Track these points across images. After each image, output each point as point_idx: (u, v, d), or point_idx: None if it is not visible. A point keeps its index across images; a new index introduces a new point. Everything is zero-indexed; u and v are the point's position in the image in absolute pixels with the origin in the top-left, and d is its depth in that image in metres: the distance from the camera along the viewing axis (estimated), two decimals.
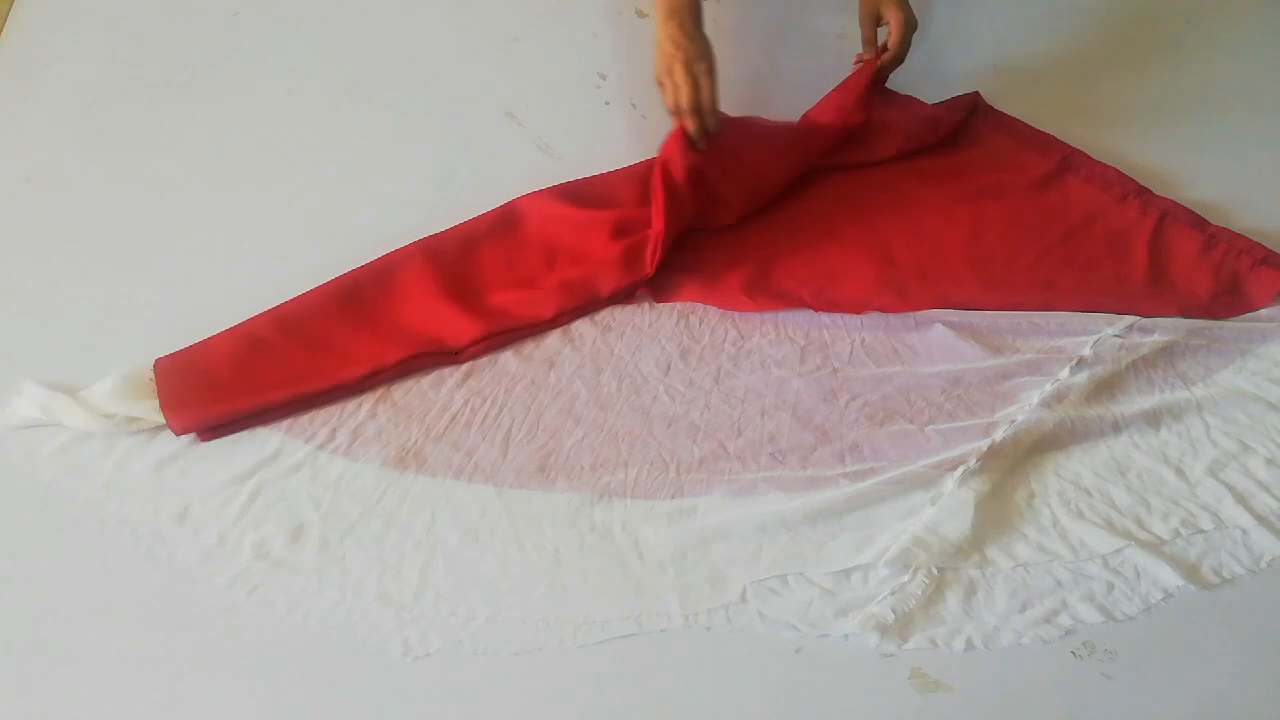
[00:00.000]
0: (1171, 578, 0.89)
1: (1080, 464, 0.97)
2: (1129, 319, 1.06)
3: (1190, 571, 0.90)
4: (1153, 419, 1.00)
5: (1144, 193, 1.18)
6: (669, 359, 1.04)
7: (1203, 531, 0.93)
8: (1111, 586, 0.89)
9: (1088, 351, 1.03)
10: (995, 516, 0.93)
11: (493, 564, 0.90)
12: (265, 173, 1.19)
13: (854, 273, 1.10)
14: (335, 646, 0.86)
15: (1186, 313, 1.07)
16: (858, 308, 1.07)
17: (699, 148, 1.08)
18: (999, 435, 0.97)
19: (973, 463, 0.95)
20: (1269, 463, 0.97)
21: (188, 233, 1.13)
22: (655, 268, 1.07)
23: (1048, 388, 1.01)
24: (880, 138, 1.22)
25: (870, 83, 1.22)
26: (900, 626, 0.86)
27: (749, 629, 0.87)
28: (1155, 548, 0.91)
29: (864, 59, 1.26)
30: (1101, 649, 0.86)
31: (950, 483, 0.94)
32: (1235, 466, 0.97)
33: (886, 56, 1.23)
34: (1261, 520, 0.93)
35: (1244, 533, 0.93)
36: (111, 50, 1.37)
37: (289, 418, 0.99)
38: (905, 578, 0.88)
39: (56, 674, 0.84)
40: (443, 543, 0.91)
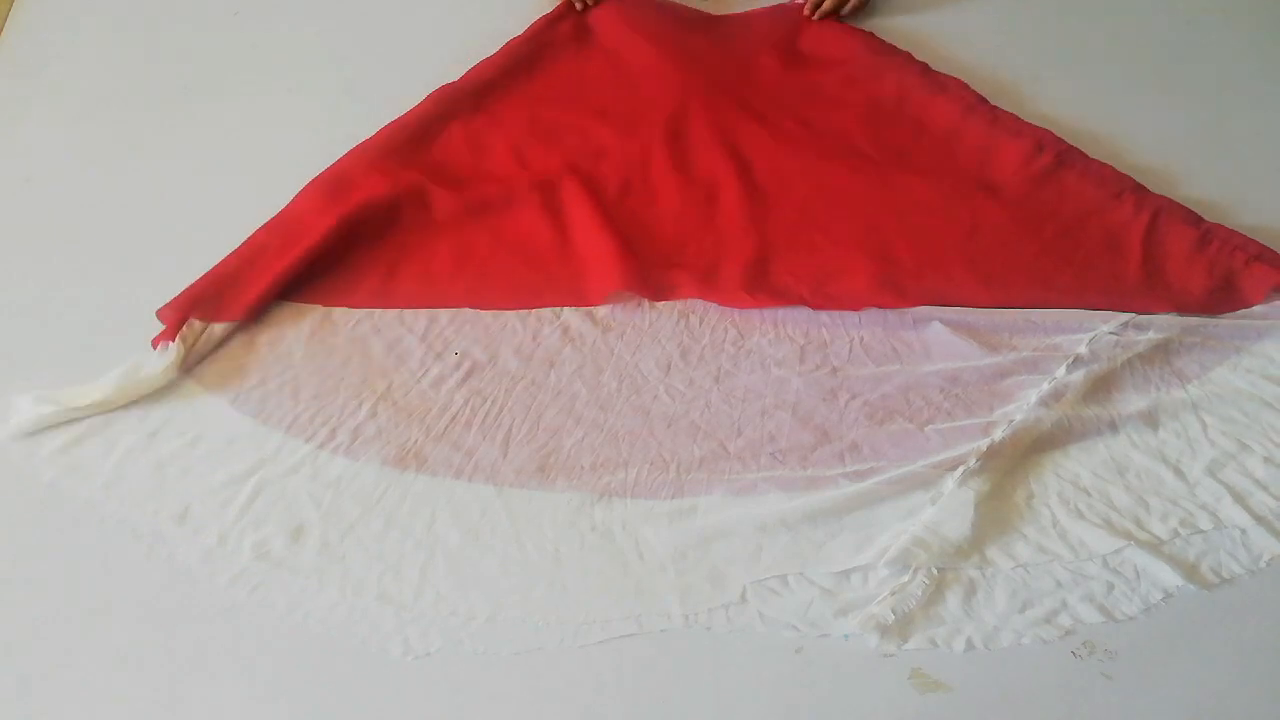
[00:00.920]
0: (1171, 578, 0.89)
1: (1079, 464, 0.97)
2: (1124, 316, 1.06)
3: (1190, 571, 0.89)
4: (1150, 418, 1.00)
5: (1139, 189, 1.18)
6: (669, 359, 1.05)
7: (1202, 531, 0.92)
8: (1111, 586, 0.89)
9: (1084, 349, 1.03)
10: (995, 517, 0.93)
11: (493, 564, 0.90)
12: (265, 173, 1.19)
13: (852, 270, 1.11)
14: (335, 646, 0.86)
15: (1181, 309, 1.07)
16: (855, 304, 1.08)
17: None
18: (998, 435, 0.97)
19: (972, 463, 0.95)
20: (1267, 461, 0.97)
21: (188, 233, 1.13)
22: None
23: (1045, 386, 1.01)
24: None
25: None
26: (900, 627, 0.86)
27: (749, 629, 0.87)
28: (1154, 548, 0.91)
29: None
30: (1101, 649, 0.86)
31: (950, 483, 0.94)
32: (1233, 466, 0.97)
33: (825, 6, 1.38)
34: (1260, 520, 0.93)
35: (1243, 532, 0.92)
36: (111, 50, 1.37)
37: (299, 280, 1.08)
38: (905, 578, 0.88)
39: (56, 674, 0.84)
40: (443, 542, 0.91)
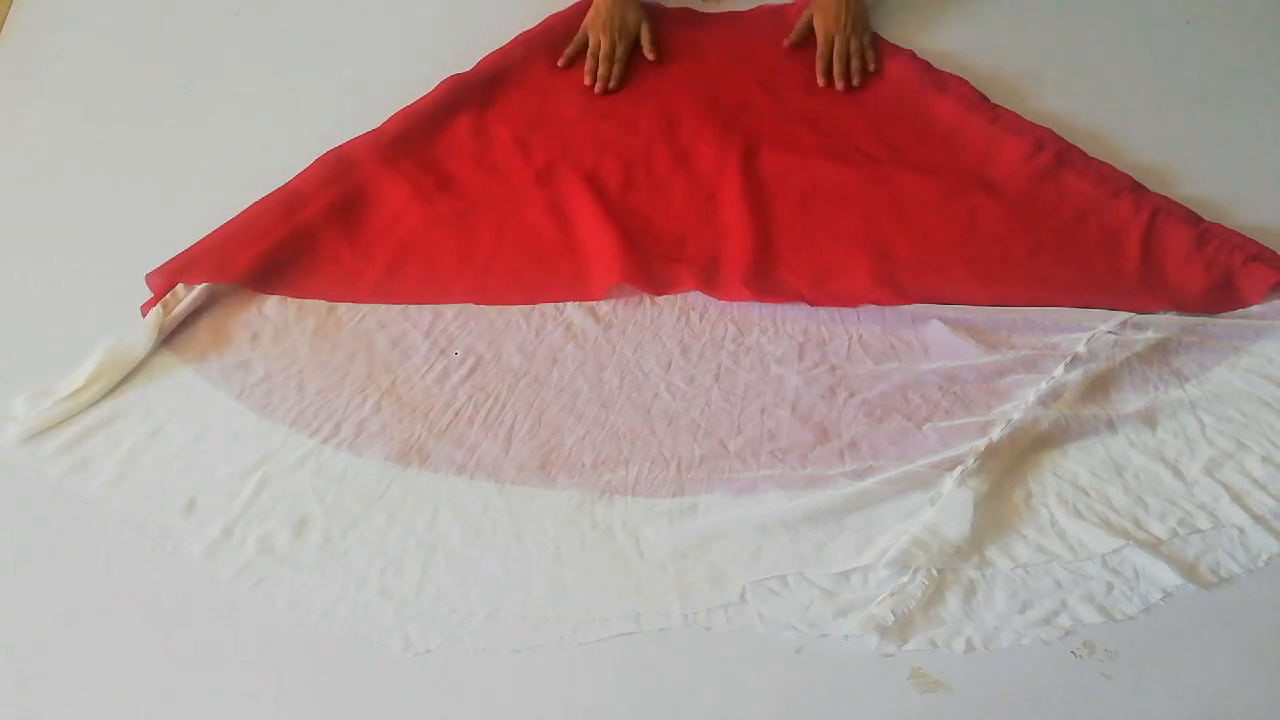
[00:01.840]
0: (1170, 577, 0.89)
1: (1077, 464, 0.97)
2: (1123, 315, 1.06)
3: (1189, 571, 0.90)
4: (1148, 417, 1.00)
5: (1137, 188, 1.18)
6: (670, 356, 1.05)
7: (1200, 531, 0.92)
8: (1111, 586, 0.89)
9: (1082, 348, 1.03)
10: (994, 517, 0.93)
11: (494, 561, 0.90)
12: (265, 173, 1.19)
13: (851, 267, 1.11)
14: (336, 642, 0.86)
15: (1179, 308, 1.07)
16: (854, 301, 1.08)
17: (599, 90, 1.30)
18: (996, 434, 0.97)
19: (971, 462, 0.95)
20: (1265, 461, 0.97)
21: (188, 233, 1.12)
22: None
23: (1043, 385, 1.01)
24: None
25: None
26: (900, 628, 0.86)
27: (749, 629, 0.87)
28: (1153, 547, 0.91)
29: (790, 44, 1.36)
30: (1101, 649, 0.86)
31: (949, 483, 0.94)
32: (1231, 465, 0.97)
33: (820, 55, 1.33)
34: (1258, 519, 0.93)
35: (1241, 532, 0.92)
36: (111, 50, 1.37)
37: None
38: (905, 578, 0.88)
39: (58, 672, 0.84)
40: (444, 539, 0.92)
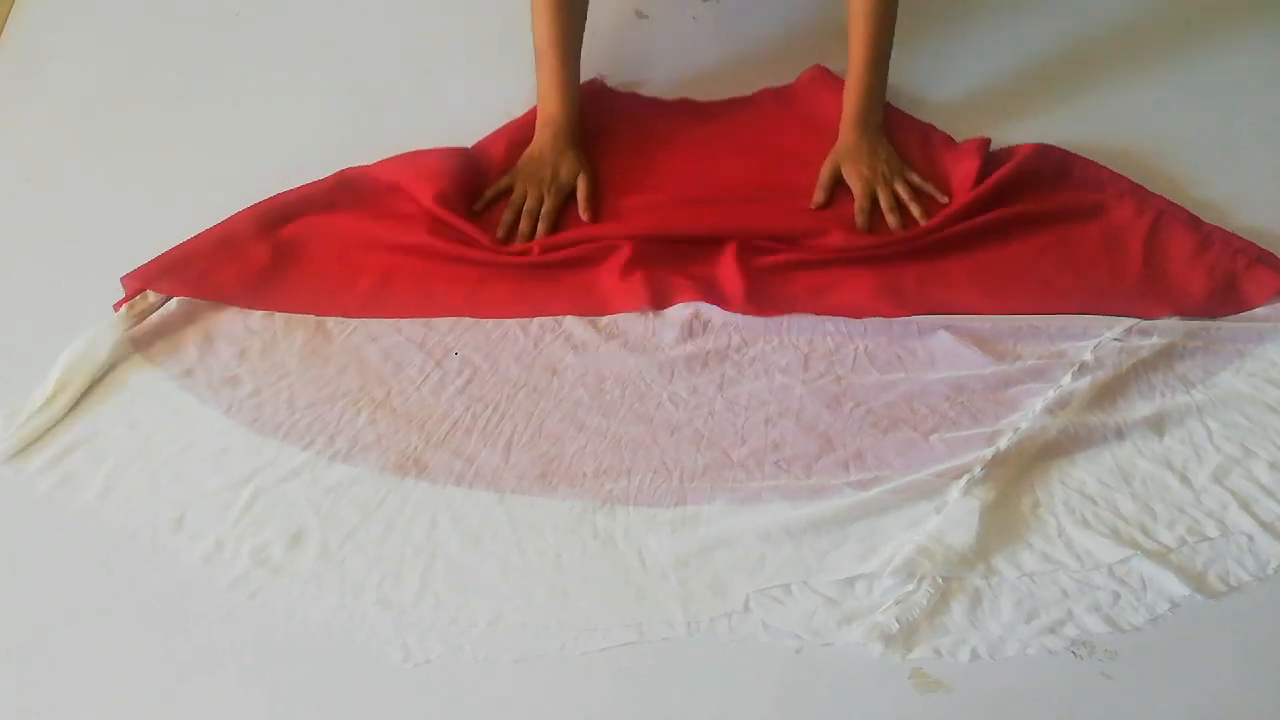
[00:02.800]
0: (1178, 588, 0.88)
1: (1085, 472, 0.96)
2: (1128, 321, 1.06)
3: (1197, 581, 0.89)
4: (1155, 424, 0.99)
5: (1139, 191, 1.17)
6: (672, 365, 1.04)
7: (1209, 539, 0.92)
8: (1118, 596, 0.88)
9: (1089, 356, 1.03)
10: (1000, 526, 0.92)
11: (493, 570, 0.90)
12: (265, 173, 1.19)
13: (853, 278, 1.10)
14: (334, 653, 0.85)
15: (1182, 313, 1.07)
16: (857, 312, 1.07)
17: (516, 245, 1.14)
18: (1003, 443, 0.97)
19: (977, 471, 0.94)
20: (1272, 467, 0.96)
21: (188, 233, 1.12)
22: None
23: (1050, 394, 1.00)
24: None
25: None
26: (905, 636, 0.85)
27: (752, 638, 0.86)
28: (1162, 557, 0.90)
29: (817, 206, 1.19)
30: (1101, 649, 0.85)
31: (955, 492, 0.93)
32: (1239, 472, 0.96)
33: (860, 209, 1.16)
34: (1266, 526, 0.92)
35: (1250, 539, 0.92)
36: (111, 50, 1.37)
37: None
38: (910, 587, 0.88)
39: (53, 687, 0.84)
40: (443, 548, 0.91)
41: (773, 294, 1.08)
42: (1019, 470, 0.96)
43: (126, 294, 1.07)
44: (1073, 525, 0.92)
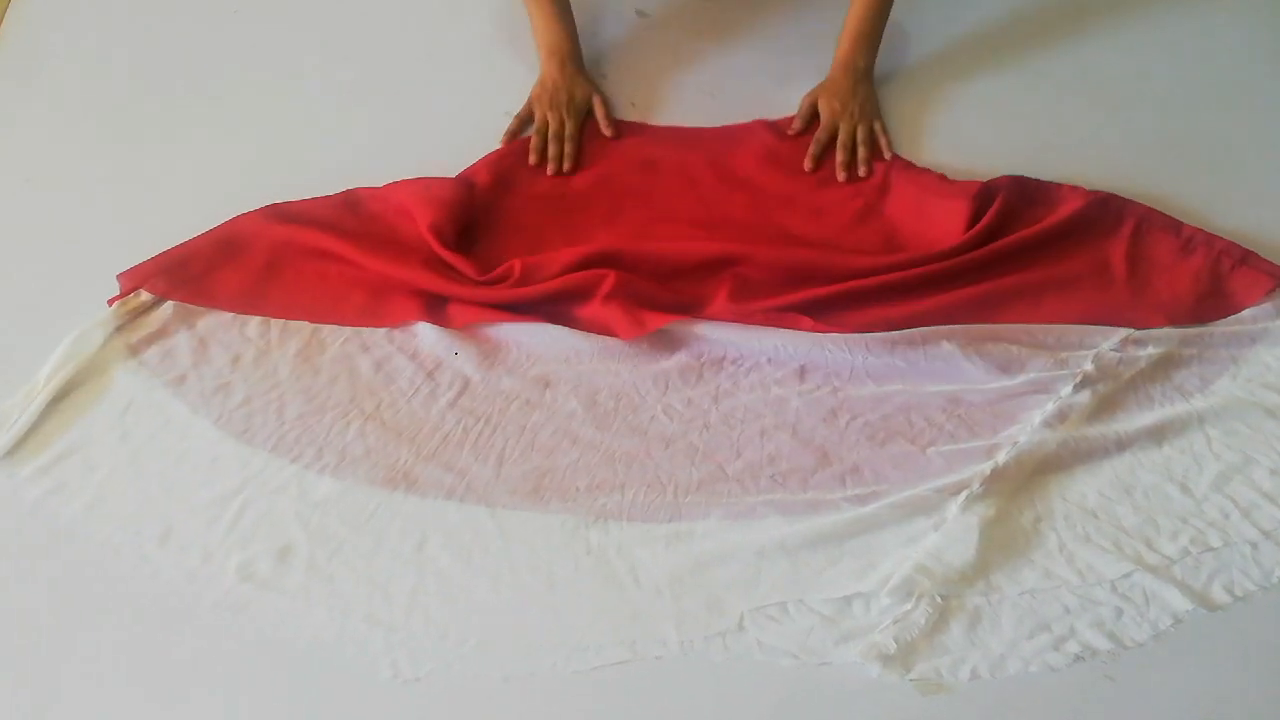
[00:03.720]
0: (1181, 602, 0.87)
1: (1085, 485, 0.96)
2: (1123, 332, 1.05)
3: (1200, 596, 0.88)
4: (1155, 435, 0.99)
5: (1113, 200, 1.16)
6: (667, 377, 1.03)
7: (1212, 549, 0.91)
8: (1120, 612, 0.87)
9: (1088, 367, 1.02)
10: (1000, 542, 0.91)
11: (485, 586, 0.89)
12: (265, 172, 1.19)
13: (845, 294, 1.08)
14: (323, 669, 0.84)
15: (1174, 320, 1.07)
16: (849, 327, 1.05)
17: (552, 170, 1.22)
18: (1002, 457, 0.96)
19: (976, 486, 0.93)
20: (1272, 473, 0.96)
21: (188, 233, 1.12)
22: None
23: (1049, 407, 0.99)
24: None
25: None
26: (903, 656, 0.84)
27: (747, 657, 0.85)
28: (1164, 571, 0.90)
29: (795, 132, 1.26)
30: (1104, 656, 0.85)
31: (954, 507, 0.92)
32: (1240, 479, 0.96)
33: (816, 139, 1.24)
34: (1268, 534, 0.92)
35: (1253, 547, 0.91)
36: (111, 50, 1.38)
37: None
38: (908, 606, 0.87)
39: (41, 704, 0.83)
40: (433, 564, 0.90)
41: (765, 306, 1.07)
42: (1018, 485, 0.95)
43: (121, 291, 1.07)
44: (1074, 540, 0.91)
